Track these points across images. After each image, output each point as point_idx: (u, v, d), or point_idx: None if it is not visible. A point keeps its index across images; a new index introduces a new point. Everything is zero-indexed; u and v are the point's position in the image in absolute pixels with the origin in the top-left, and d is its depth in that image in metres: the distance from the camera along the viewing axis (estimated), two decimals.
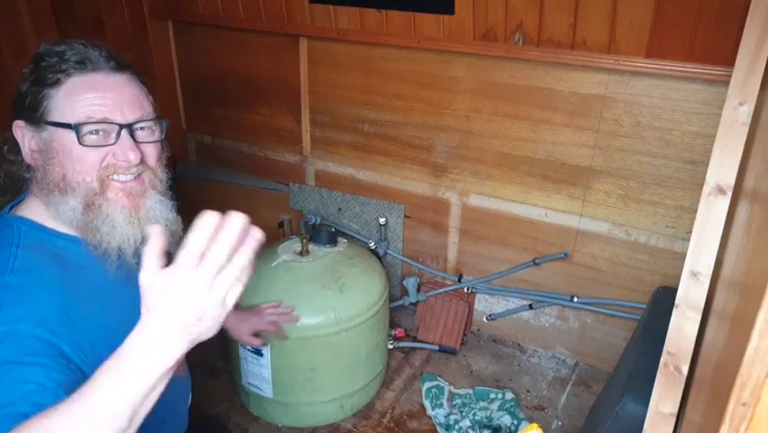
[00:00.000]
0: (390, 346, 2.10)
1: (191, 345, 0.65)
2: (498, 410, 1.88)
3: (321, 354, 1.73)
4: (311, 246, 1.86)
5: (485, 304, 2.28)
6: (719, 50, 1.52)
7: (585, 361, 2.15)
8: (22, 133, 0.91)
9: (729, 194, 1.14)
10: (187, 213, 2.66)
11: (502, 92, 1.92)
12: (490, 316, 2.27)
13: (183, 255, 0.61)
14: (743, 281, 0.86)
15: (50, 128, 0.89)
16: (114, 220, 0.91)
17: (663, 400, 1.23)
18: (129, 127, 0.92)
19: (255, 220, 0.58)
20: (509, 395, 1.94)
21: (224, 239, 0.60)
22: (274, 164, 2.53)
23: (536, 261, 2.06)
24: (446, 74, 1.99)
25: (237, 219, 0.60)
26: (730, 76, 1.12)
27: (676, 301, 1.21)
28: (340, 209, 2.40)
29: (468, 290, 2.25)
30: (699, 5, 1.50)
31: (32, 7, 2.06)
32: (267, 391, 1.78)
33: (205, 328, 0.64)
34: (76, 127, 0.88)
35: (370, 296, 1.80)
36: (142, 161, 0.93)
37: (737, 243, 1.04)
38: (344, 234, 2.28)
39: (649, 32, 1.59)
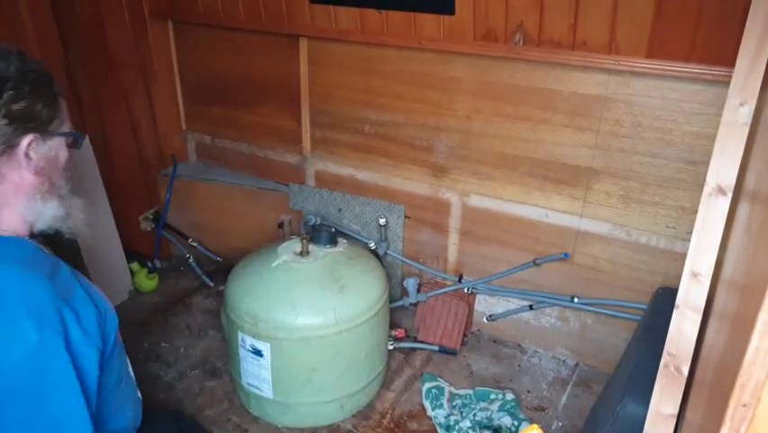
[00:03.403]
0: (390, 347, 2.09)
1: None
2: (499, 411, 1.88)
3: (321, 354, 1.73)
4: (311, 247, 1.86)
5: (485, 305, 2.28)
6: (720, 51, 1.51)
7: (585, 361, 2.15)
8: (32, 145, 0.98)
9: (730, 195, 1.14)
10: (186, 213, 2.66)
11: (502, 92, 1.91)
12: (491, 316, 2.27)
13: None
14: (743, 282, 0.86)
15: (57, 138, 1.02)
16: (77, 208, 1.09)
17: (664, 401, 1.23)
18: None
19: (255, 221, 0.59)
20: (510, 396, 1.94)
21: None
22: (274, 164, 2.53)
23: (537, 261, 2.06)
24: (447, 74, 1.99)
25: None
26: (731, 76, 1.11)
27: (677, 302, 1.21)
28: (340, 210, 2.40)
29: (468, 290, 2.25)
30: (700, 5, 1.49)
31: (32, 6, 2.06)
32: (267, 391, 1.78)
33: None
34: (80, 135, 1.07)
35: (371, 296, 1.80)
36: None
37: (738, 243, 1.04)
38: (344, 235, 2.27)
39: (649, 32, 1.59)
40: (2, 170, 0.96)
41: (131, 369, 1.22)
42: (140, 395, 1.26)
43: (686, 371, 1.21)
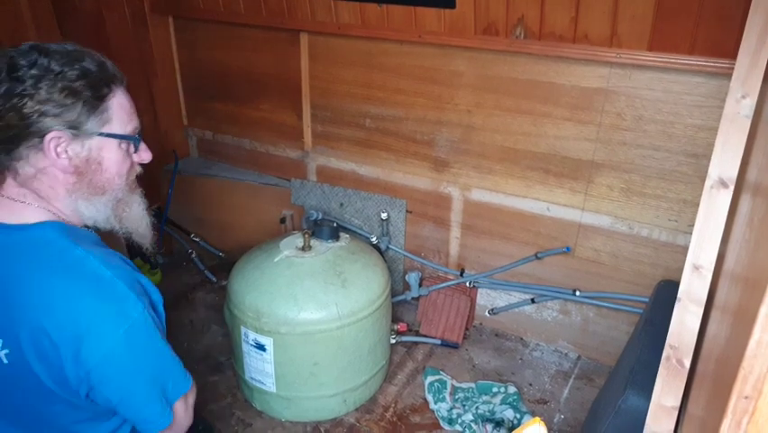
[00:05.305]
0: (393, 341, 2.10)
1: None
2: (501, 404, 1.88)
3: (324, 349, 1.74)
4: (313, 242, 1.86)
5: (487, 298, 2.28)
6: (722, 43, 1.51)
7: (587, 355, 2.15)
8: (58, 142, 0.95)
9: (731, 187, 1.14)
10: (188, 209, 2.65)
11: (504, 86, 1.91)
12: (492, 310, 2.28)
13: None
14: (745, 275, 0.86)
15: (98, 138, 0.99)
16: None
17: (666, 394, 1.23)
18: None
19: (257, 216, 0.60)
20: (512, 389, 1.95)
21: None
22: (275, 160, 2.53)
23: (538, 255, 2.06)
24: (448, 68, 1.98)
25: None
26: (733, 69, 1.11)
27: (678, 295, 1.21)
28: (341, 205, 2.40)
29: (470, 284, 2.25)
30: None
31: (33, 2, 2.06)
32: (270, 385, 1.79)
33: None
34: (131, 138, 1.05)
35: (373, 291, 1.80)
36: None
37: (740, 236, 1.04)
38: (346, 230, 2.28)
39: (651, 25, 1.58)
40: (31, 162, 0.96)
41: None
42: None
43: (688, 363, 1.21)
